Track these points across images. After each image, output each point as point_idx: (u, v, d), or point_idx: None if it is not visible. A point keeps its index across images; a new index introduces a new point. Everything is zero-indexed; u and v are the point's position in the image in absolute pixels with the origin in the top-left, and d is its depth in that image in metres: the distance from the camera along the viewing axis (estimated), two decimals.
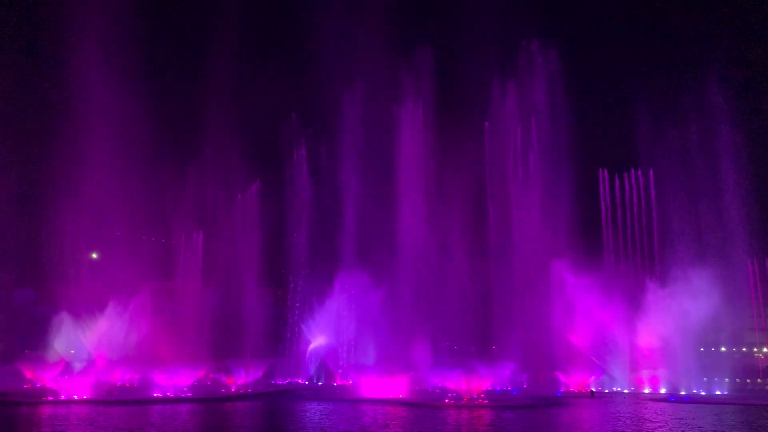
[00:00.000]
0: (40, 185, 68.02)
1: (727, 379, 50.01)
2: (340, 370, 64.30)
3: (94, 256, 66.29)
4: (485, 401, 40.89)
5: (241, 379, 54.04)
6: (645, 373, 53.19)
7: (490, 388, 45.66)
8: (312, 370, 66.24)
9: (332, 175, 68.68)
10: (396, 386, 49.03)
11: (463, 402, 40.56)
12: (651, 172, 65.33)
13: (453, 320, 63.73)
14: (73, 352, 60.17)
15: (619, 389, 53.55)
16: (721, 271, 50.16)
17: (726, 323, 53.01)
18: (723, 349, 53.39)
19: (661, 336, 51.67)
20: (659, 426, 28.69)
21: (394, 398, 44.10)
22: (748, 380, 48.80)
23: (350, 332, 65.31)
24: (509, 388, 51.37)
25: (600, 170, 69.00)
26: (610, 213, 67.33)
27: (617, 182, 67.69)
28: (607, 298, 54.54)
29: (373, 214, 65.25)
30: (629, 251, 66.11)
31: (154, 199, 68.49)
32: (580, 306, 55.26)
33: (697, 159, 57.66)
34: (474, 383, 43.48)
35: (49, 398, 41.98)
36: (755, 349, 63.16)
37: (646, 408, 38.75)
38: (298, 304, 68.82)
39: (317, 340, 66.18)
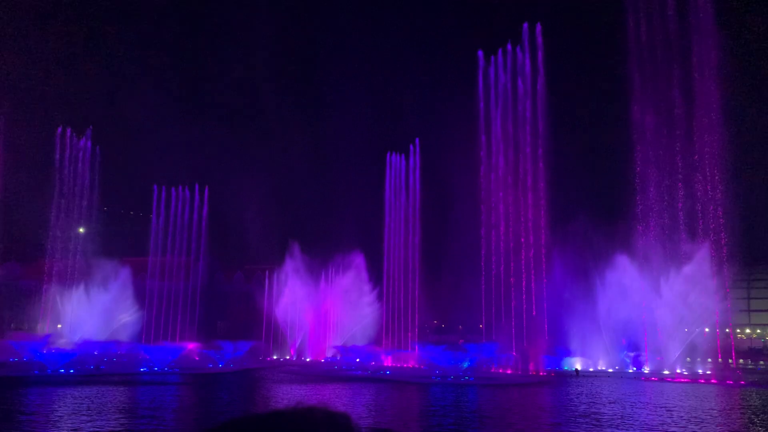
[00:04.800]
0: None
1: (710, 360, 50.61)
2: (327, 347, 64.61)
3: (81, 230, 65.72)
4: (471, 379, 41.19)
5: (228, 354, 54.10)
6: (630, 353, 53.81)
7: (476, 366, 45.96)
8: (301, 346, 66.56)
9: None
10: (383, 364, 49.35)
11: (449, 380, 40.82)
12: None
13: (443, 299, 64.14)
14: (60, 326, 60.07)
15: (603, 368, 54.14)
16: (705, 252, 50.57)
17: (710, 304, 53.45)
18: (707, 329, 53.93)
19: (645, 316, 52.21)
20: (630, 405, 29.02)
21: (381, 376, 44.31)
22: (730, 360, 49.43)
23: (338, 309, 65.56)
24: (495, 367, 51.80)
25: None
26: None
27: None
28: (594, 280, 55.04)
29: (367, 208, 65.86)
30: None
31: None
32: (567, 286, 55.71)
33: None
34: (460, 361, 43.77)
35: (36, 372, 41.90)
36: (738, 330, 63.97)
37: (627, 387, 39.21)
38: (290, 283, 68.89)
39: (306, 318, 66.37)
